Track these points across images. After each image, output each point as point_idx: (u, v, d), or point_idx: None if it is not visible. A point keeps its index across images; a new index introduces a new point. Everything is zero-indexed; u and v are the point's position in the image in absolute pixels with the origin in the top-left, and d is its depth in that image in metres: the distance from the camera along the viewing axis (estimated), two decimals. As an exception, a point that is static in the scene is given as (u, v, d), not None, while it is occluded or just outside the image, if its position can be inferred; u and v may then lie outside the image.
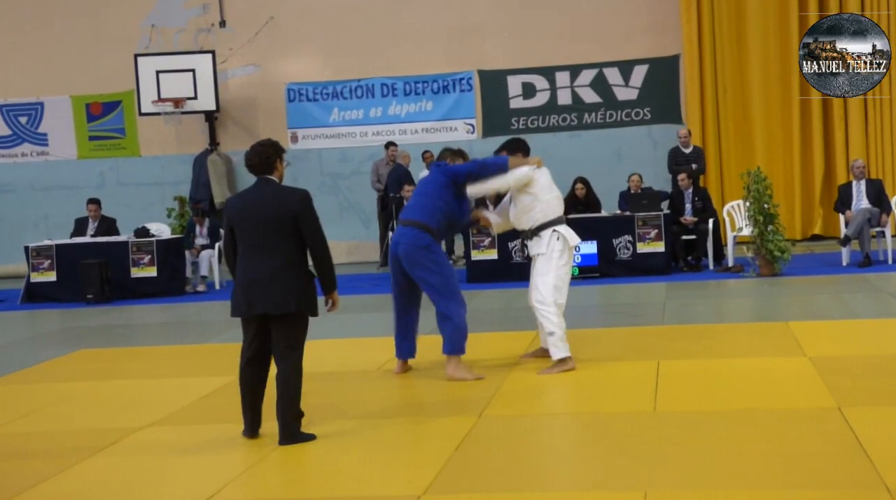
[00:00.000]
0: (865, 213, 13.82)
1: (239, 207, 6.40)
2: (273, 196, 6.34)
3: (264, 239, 6.26)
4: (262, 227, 6.26)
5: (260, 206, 6.30)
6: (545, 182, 8.24)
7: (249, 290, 6.26)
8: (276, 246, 6.25)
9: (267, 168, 6.44)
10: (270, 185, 6.42)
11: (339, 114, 18.94)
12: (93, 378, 9.01)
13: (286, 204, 6.28)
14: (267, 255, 6.25)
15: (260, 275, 6.22)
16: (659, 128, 18.02)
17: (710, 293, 12.70)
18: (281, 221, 6.24)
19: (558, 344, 8.03)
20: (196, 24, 19.23)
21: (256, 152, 6.45)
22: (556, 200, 8.26)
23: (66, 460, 6.28)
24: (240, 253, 6.35)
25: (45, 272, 14.97)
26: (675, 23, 17.63)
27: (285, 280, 6.23)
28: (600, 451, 5.89)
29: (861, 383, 7.12)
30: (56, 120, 19.55)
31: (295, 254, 6.28)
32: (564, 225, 8.21)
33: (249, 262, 6.29)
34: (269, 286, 6.21)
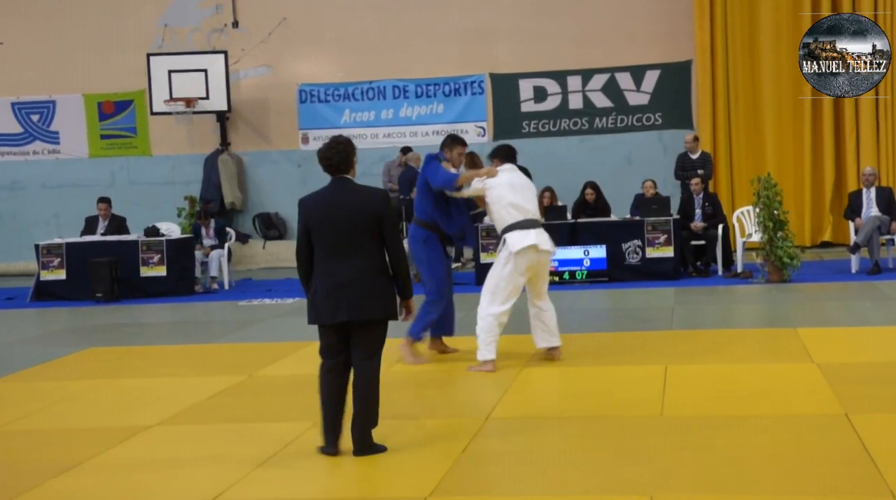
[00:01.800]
0: (875, 220, 13.79)
1: (319, 208, 5.99)
2: (355, 197, 6.00)
3: (348, 242, 5.92)
4: (345, 229, 5.91)
5: (342, 207, 5.95)
6: (502, 190, 8.36)
7: (335, 295, 5.90)
8: (360, 249, 5.93)
9: (346, 166, 6.07)
10: (349, 184, 6.05)
11: (350, 115, 18.97)
12: (101, 377, 9.04)
13: (369, 205, 5.97)
14: (351, 258, 5.92)
15: (345, 279, 5.89)
16: (670, 133, 18.00)
17: (718, 299, 12.69)
18: (364, 222, 5.93)
19: (479, 347, 8.29)
20: (209, 24, 19.28)
21: (336, 150, 6.04)
22: (508, 207, 8.28)
23: (74, 457, 6.29)
24: (320, 256, 5.96)
25: (55, 270, 15.01)
26: (688, 29, 17.62)
27: (371, 285, 5.94)
28: (607, 455, 5.90)
29: (869, 390, 7.11)
30: (68, 118, 19.61)
31: (378, 257, 5.98)
32: (520, 230, 8.22)
33: (332, 266, 5.93)
34: (355, 291, 5.89)
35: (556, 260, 14.09)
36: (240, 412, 7.46)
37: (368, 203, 5.99)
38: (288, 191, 18.97)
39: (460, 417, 6.85)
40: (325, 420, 6.04)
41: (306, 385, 7.91)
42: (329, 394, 6.03)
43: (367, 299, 5.92)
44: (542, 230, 8.41)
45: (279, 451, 6.25)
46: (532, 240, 8.18)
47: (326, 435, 6.05)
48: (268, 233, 18.92)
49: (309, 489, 5.75)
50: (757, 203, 13.38)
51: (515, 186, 8.45)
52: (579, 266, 14.15)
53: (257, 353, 9.75)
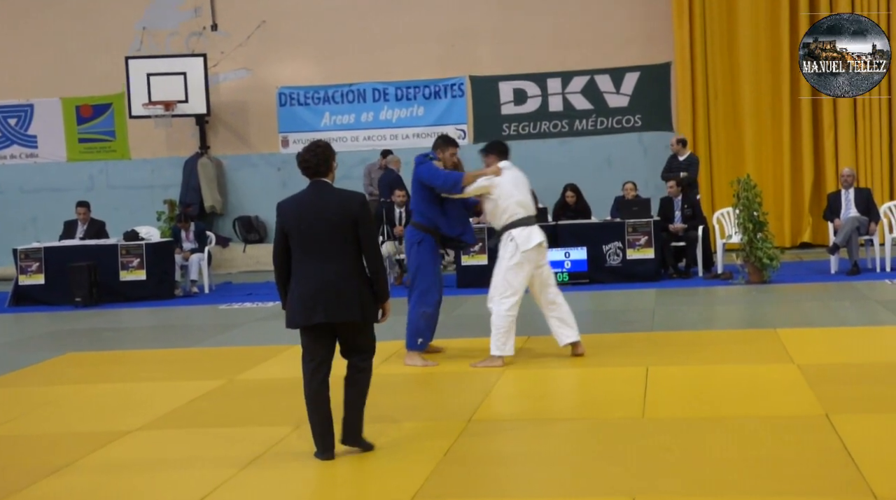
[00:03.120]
0: (854, 221, 13.86)
1: (296, 211, 6.00)
2: (333, 200, 6.01)
3: (326, 245, 5.93)
4: (323, 232, 5.93)
5: (320, 210, 5.96)
6: (507, 187, 8.54)
7: (313, 298, 5.91)
8: (338, 252, 5.94)
9: (325, 170, 6.07)
10: (326, 188, 6.07)
11: (330, 118, 18.95)
12: (81, 382, 8.99)
13: (346, 209, 5.97)
14: (328, 261, 5.93)
15: (323, 283, 5.91)
16: (649, 135, 18.07)
17: (699, 300, 12.72)
18: (342, 226, 5.94)
19: (492, 341, 8.44)
20: (188, 27, 19.23)
21: (314, 153, 6.05)
22: (515, 205, 8.50)
23: (54, 463, 6.25)
24: (297, 259, 5.98)
25: (33, 275, 14.93)
26: (667, 31, 17.69)
27: (349, 288, 5.94)
28: (589, 457, 5.90)
29: (849, 390, 7.14)
30: (46, 122, 19.53)
31: (355, 260, 5.99)
32: (525, 227, 8.47)
33: (310, 269, 5.95)
34: (333, 294, 5.90)
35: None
36: (221, 416, 7.43)
37: (346, 207, 5.99)
38: (268, 194, 18.95)
39: (442, 419, 6.84)
40: (316, 427, 6.04)
41: (287, 389, 7.91)
42: (315, 397, 6.01)
43: (344, 302, 5.93)
44: (538, 227, 8.66)
45: (261, 454, 6.23)
46: (539, 238, 8.49)
47: (320, 441, 6.05)
48: (248, 236, 18.88)
49: (291, 492, 5.73)
50: (737, 205, 13.42)
51: (518, 182, 8.66)
52: (560, 268, 14.16)
53: (238, 357, 9.72)
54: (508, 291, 8.44)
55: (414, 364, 8.70)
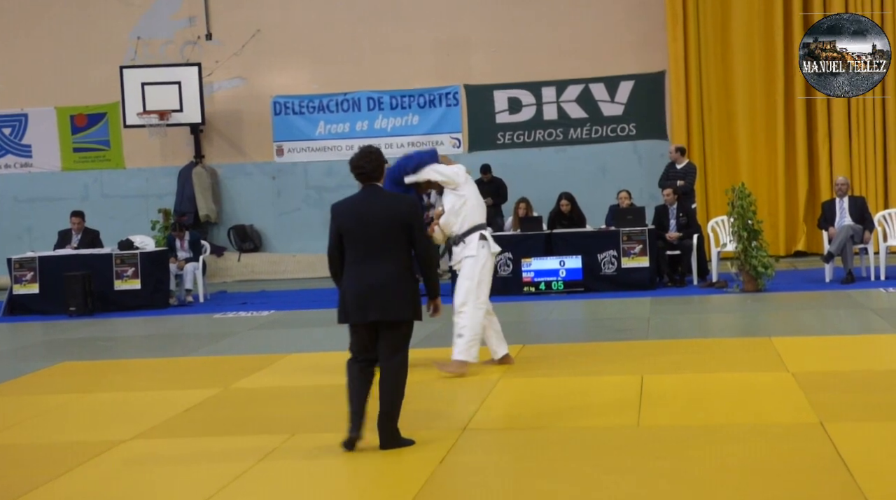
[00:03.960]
0: (848, 230, 13.87)
1: (351, 213, 6.31)
2: (385, 203, 6.33)
3: (379, 246, 6.22)
4: (376, 234, 6.22)
5: (374, 212, 6.25)
6: (473, 188, 8.61)
7: (365, 296, 6.19)
8: (390, 253, 6.23)
9: (378, 175, 6.40)
10: (379, 191, 6.40)
11: (325, 127, 18.95)
12: (75, 391, 8.97)
13: (398, 211, 6.29)
14: (381, 261, 6.22)
15: (375, 282, 6.19)
16: (644, 144, 18.10)
17: (693, 309, 12.73)
18: (394, 228, 6.23)
19: (461, 346, 8.35)
20: (182, 36, 19.23)
21: (368, 159, 6.38)
22: (481, 206, 8.64)
23: (48, 472, 6.24)
24: (351, 260, 6.26)
25: (28, 284, 14.91)
26: (662, 39, 17.72)
27: (400, 287, 6.23)
28: (584, 465, 5.89)
29: (843, 398, 7.14)
30: (40, 131, 19.51)
31: (406, 261, 6.29)
32: (489, 231, 8.63)
33: (363, 268, 6.23)
34: (385, 293, 6.19)
35: (532, 271, 14.14)
36: (216, 425, 7.42)
37: (398, 209, 6.31)
38: (263, 203, 18.98)
39: (437, 428, 6.83)
40: (352, 406, 6.26)
41: (282, 398, 7.90)
42: (358, 388, 6.27)
43: (396, 301, 6.21)
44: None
45: (256, 464, 6.22)
46: (498, 246, 8.60)
47: (352, 420, 6.25)
48: (243, 245, 18.87)
49: (285, 502, 5.72)
50: (731, 213, 13.44)
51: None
52: (555, 277, 14.17)
53: (232, 366, 9.71)
54: (483, 296, 8.46)
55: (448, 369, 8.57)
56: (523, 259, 14.19)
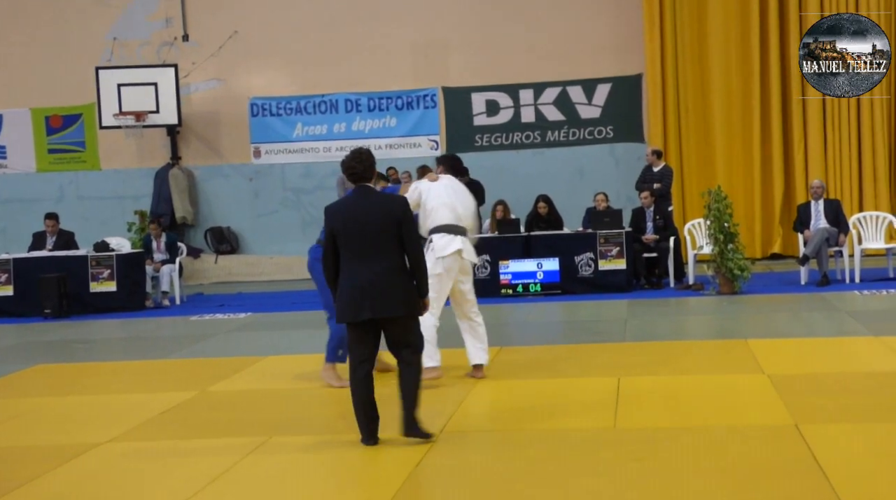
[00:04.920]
0: (823, 232, 13.95)
1: (344, 214, 6.45)
2: (377, 203, 6.47)
3: (372, 245, 6.36)
4: (370, 233, 6.36)
5: (367, 213, 6.40)
6: (440, 190, 8.36)
7: (360, 294, 6.32)
8: (383, 252, 6.37)
9: (369, 175, 6.58)
10: (371, 192, 6.55)
11: (302, 129, 18.92)
12: (50, 394, 8.92)
13: (390, 210, 6.44)
14: (375, 260, 6.36)
15: (370, 280, 6.32)
16: (621, 146, 18.16)
17: (670, 311, 12.77)
18: (386, 226, 6.37)
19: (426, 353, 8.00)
20: (159, 37, 19.17)
21: (360, 161, 6.53)
22: (443, 207, 8.26)
23: (23, 476, 6.20)
24: (345, 259, 6.41)
25: (2, 287, 14.81)
26: (639, 42, 17.78)
27: (394, 284, 6.37)
28: (560, 467, 5.90)
29: (818, 400, 7.18)
30: (15, 132, 19.40)
31: (399, 259, 6.42)
32: (447, 234, 8.19)
33: (357, 267, 6.37)
34: (380, 291, 6.32)
35: (509, 273, 14.15)
36: (192, 428, 7.39)
37: (389, 209, 6.45)
38: (240, 205, 18.93)
39: (414, 431, 6.82)
40: (360, 416, 6.42)
41: (259, 401, 7.88)
42: (361, 386, 6.40)
43: (390, 298, 6.35)
44: (468, 240, 8.33)
45: (232, 467, 6.20)
46: (458, 245, 8.19)
47: (364, 429, 6.42)
48: (220, 247, 18.81)
49: (262, 505, 5.70)
50: (708, 216, 13.49)
51: (456, 193, 8.43)
52: (532, 279, 14.20)
53: (209, 368, 9.67)
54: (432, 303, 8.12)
55: (328, 380, 8.35)
56: (501, 261, 14.21)
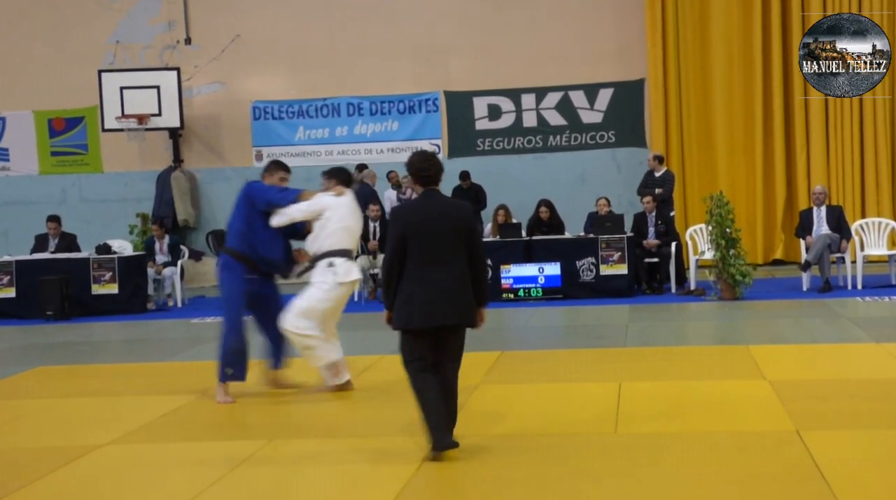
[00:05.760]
0: (825, 239, 13.95)
1: (416, 218, 6.19)
2: (448, 208, 6.26)
3: (444, 251, 6.13)
4: (442, 239, 6.13)
5: (439, 217, 6.17)
6: (343, 211, 8.08)
7: (433, 301, 6.09)
8: (454, 258, 6.14)
9: (438, 179, 6.31)
10: (440, 196, 6.32)
11: (304, 132, 18.93)
12: (51, 396, 8.92)
13: (461, 216, 6.24)
14: (446, 266, 6.12)
15: (443, 286, 6.09)
16: (623, 151, 18.15)
17: (672, 316, 12.77)
18: (459, 233, 6.16)
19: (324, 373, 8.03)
20: (162, 40, 19.18)
21: (431, 163, 6.27)
22: (345, 231, 8.04)
23: (24, 478, 6.19)
24: (414, 264, 6.12)
25: (4, 288, 14.82)
26: (641, 47, 17.78)
27: (465, 292, 6.18)
28: (561, 472, 5.89)
29: (820, 406, 7.17)
30: (18, 135, 19.41)
31: (466, 267, 6.19)
32: (347, 260, 8.01)
33: (429, 273, 6.11)
34: (451, 298, 6.11)
35: (511, 277, 14.15)
36: (192, 431, 7.39)
37: (461, 215, 6.25)
38: (242, 208, 18.87)
39: (413, 435, 6.81)
40: (434, 417, 6.12)
41: (259, 403, 7.88)
42: (431, 389, 6.14)
43: (462, 306, 6.17)
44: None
45: (232, 469, 6.19)
46: (356, 275, 8.08)
47: (440, 428, 6.12)
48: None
49: (262, 508, 5.70)
50: (709, 221, 13.49)
51: (353, 214, 8.22)
52: (534, 283, 14.20)
53: (210, 371, 9.58)
54: (307, 315, 7.97)
55: (221, 400, 8.15)
56: (502, 266, 14.21)
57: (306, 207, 8.07)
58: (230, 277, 8.25)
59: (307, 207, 8.07)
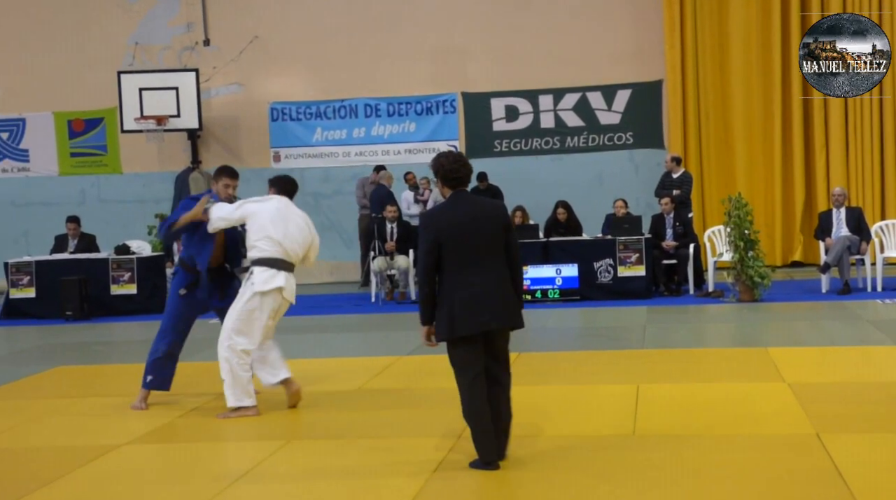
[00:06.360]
0: (845, 240, 13.88)
1: (450, 222, 5.93)
2: (481, 208, 6.04)
3: (481, 252, 5.91)
4: (480, 241, 5.91)
5: (476, 219, 5.95)
6: (263, 220, 7.68)
7: (478, 304, 5.84)
8: (493, 258, 5.94)
9: (468, 181, 6.13)
10: (470, 197, 6.11)
11: (322, 134, 18.96)
12: (70, 395, 8.96)
13: (497, 216, 6.04)
14: (486, 269, 5.90)
15: (486, 289, 5.87)
16: (641, 153, 18.11)
17: (690, 318, 12.73)
18: (496, 233, 5.97)
19: (228, 392, 7.62)
20: (180, 42, 19.24)
21: (463, 164, 6.05)
22: (266, 240, 7.60)
23: (42, 477, 6.22)
24: (452, 270, 5.89)
25: (24, 288, 14.90)
26: (659, 48, 17.75)
27: (508, 293, 5.97)
28: (579, 473, 5.88)
29: (839, 410, 7.14)
30: (38, 136, 19.49)
31: (505, 267, 6.00)
32: (269, 268, 7.57)
33: (469, 276, 5.88)
34: (498, 300, 5.90)
35: (528, 278, 14.10)
36: (210, 431, 7.40)
37: (496, 214, 6.05)
38: (259, 209, 18.91)
39: (431, 436, 6.82)
40: (484, 437, 5.92)
41: (277, 403, 7.88)
42: (483, 400, 5.91)
43: (508, 307, 5.96)
44: (292, 277, 7.71)
45: (251, 469, 6.21)
46: (280, 282, 7.57)
47: (491, 447, 5.94)
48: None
49: (280, 509, 5.71)
50: (728, 223, 13.45)
51: (284, 221, 7.72)
52: (551, 285, 14.18)
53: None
54: (235, 336, 7.56)
55: (133, 407, 8.08)
56: (520, 267, 14.18)
57: (226, 213, 7.85)
58: (173, 283, 8.35)
59: (227, 213, 7.85)
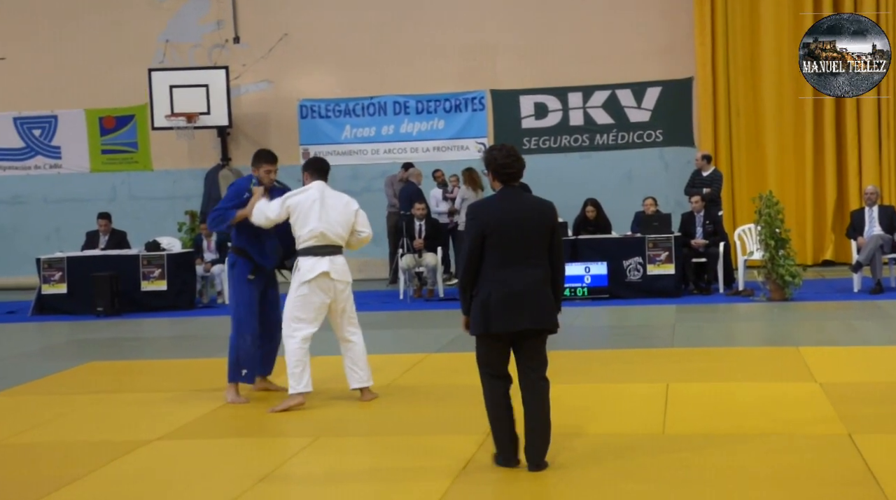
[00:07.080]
0: (878, 239, 13.78)
1: (497, 216, 5.82)
2: (530, 205, 5.94)
3: (525, 249, 5.80)
4: (524, 237, 5.80)
5: (523, 216, 5.84)
6: (302, 213, 7.84)
7: (517, 303, 5.75)
8: (536, 257, 5.82)
9: (520, 176, 5.99)
10: (520, 193, 6.00)
11: (351, 131, 18.99)
12: (102, 391, 9.02)
13: (544, 214, 5.93)
14: (529, 267, 5.79)
15: (526, 288, 5.76)
16: (671, 150, 18.03)
17: (719, 317, 12.67)
18: (542, 231, 5.86)
19: (291, 378, 7.75)
20: (210, 39, 19.32)
21: (516, 159, 5.91)
22: (308, 234, 7.75)
23: (74, 472, 6.26)
24: (493, 264, 5.78)
25: (56, 284, 15.01)
26: (689, 46, 17.66)
27: (547, 294, 5.85)
28: (609, 472, 5.87)
29: (872, 410, 7.08)
30: (69, 133, 19.63)
31: (546, 268, 5.87)
32: (312, 257, 7.71)
33: (511, 273, 5.77)
34: (536, 299, 5.80)
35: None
36: (240, 427, 7.44)
37: (544, 213, 5.95)
38: (289, 206, 18.98)
39: (460, 433, 6.82)
40: (503, 432, 5.91)
41: (308, 399, 7.89)
42: (505, 410, 5.89)
43: (546, 308, 5.85)
44: (340, 258, 7.84)
45: (280, 466, 6.23)
46: (323, 267, 7.68)
47: (507, 447, 5.91)
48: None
49: (310, 505, 5.72)
50: (758, 221, 13.38)
51: (325, 206, 7.88)
52: (580, 283, 14.15)
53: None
54: (294, 323, 7.72)
55: (232, 400, 8.11)
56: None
57: (274, 215, 7.97)
58: (234, 274, 8.25)
59: (275, 215, 7.96)
